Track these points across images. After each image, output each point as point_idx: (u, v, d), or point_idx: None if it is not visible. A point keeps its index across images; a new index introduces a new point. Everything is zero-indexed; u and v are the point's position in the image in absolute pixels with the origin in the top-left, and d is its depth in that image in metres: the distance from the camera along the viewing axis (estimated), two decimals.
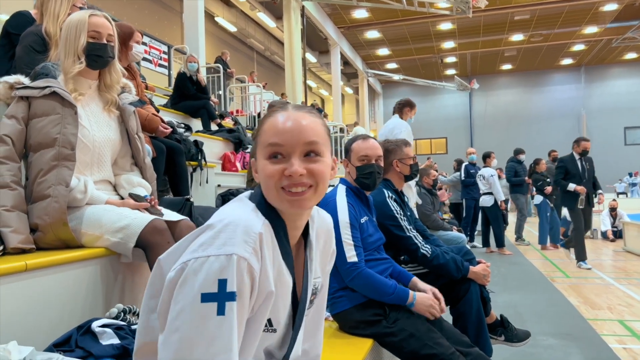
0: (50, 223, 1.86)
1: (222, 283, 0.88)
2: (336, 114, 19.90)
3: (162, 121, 3.15)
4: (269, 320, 1.05)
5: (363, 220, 2.34)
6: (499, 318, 2.88)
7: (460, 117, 29.36)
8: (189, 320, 0.87)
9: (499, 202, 8.28)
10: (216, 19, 17.78)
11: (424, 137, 29.34)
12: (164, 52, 9.95)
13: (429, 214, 5.50)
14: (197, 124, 6.77)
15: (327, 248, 1.27)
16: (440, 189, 8.36)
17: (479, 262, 2.78)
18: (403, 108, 5.19)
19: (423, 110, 29.52)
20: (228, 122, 7.80)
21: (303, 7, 15.83)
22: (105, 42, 2.07)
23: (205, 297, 0.88)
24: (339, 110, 20.08)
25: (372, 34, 21.47)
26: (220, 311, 0.88)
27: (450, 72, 27.68)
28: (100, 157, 2.11)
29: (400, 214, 2.73)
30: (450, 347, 2.09)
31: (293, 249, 1.13)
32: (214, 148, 5.95)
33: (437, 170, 9.60)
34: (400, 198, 2.88)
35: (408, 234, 2.69)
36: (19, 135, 1.96)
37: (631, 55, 26.03)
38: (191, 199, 2.54)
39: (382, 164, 2.44)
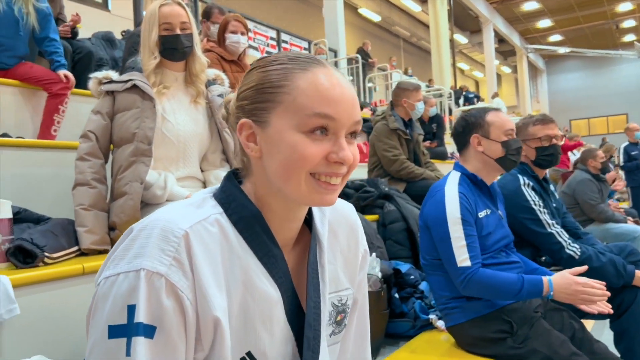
0: (126, 221, 1.80)
1: (131, 310, 0.65)
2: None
3: None
4: (249, 355, 0.75)
5: (482, 214, 1.91)
6: None
7: None
8: None
9: None
10: (359, 10, 17.75)
11: (599, 114, 25.99)
12: (305, 49, 10.09)
13: (594, 204, 4.63)
14: None
15: (353, 249, 0.93)
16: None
17: None
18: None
19: (596, 84, 26.23)
20: (365, 113, 7.57)
21: None
22: (178, 32, 1.96)
23: (113, 331, 0.65)
24: (494, 91, 18.67)
25: (530, 5, 19.74)
26: (128, 351, 0.64)
27: (629, 38, 24.13)
28: (186, 152, 2.01)
29: (540, 205, 2.22)
30: None
31: (292, 252, 0.83)
32: None
33: (612, 155, 8.22)
34: (541, 186, 2.35)
35: (549, 229, 2.18)
36: (104, 131, 1.95)
37: None
38: None
39: None
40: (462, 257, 1.78)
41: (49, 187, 2.30)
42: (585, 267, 1.77)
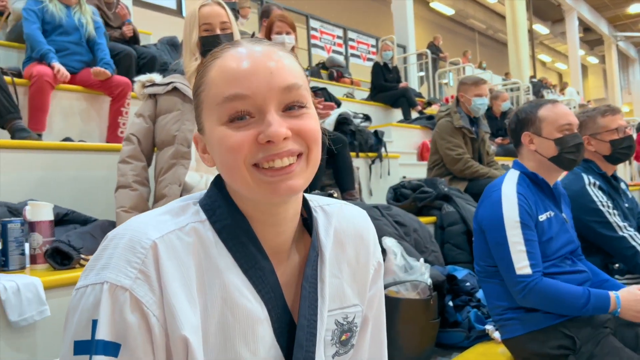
0: None
1: (94, 326, 0.61)
2: (577, 88, 17.38)
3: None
4: None
5: (543, 217, 1.73)
6: None
7: None
8: None
9: None
10: (431, 4, 17.29)
11: None
12: (372, 46, 9.94)
13: None
14: (397, 113, 6.51)
15: (363, 260, 0.83)
16: None
17: None
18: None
19: None
20: (434, 109, 7.32)
21: None
22: (218, 32, 1.93)
23: (78, 347, 0.61)
24: (579, 84, 17.51)
25: None
26: None
27: None
28: None
29: (609, 206, 2.00)
30: None
31: (288, 262, 0.75)
32: (411, 137, 5.61)
33: None
34: (610, 184, 2.12)
35: (621, 233, 1.97)
36: (146, 133, 1.97)
37: None
38: (334, 195, 2.26)
39: None
40: (522, 264, 1.62)
41: (104, 189, 2.38)
42: None
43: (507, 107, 6.07)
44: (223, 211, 0.70)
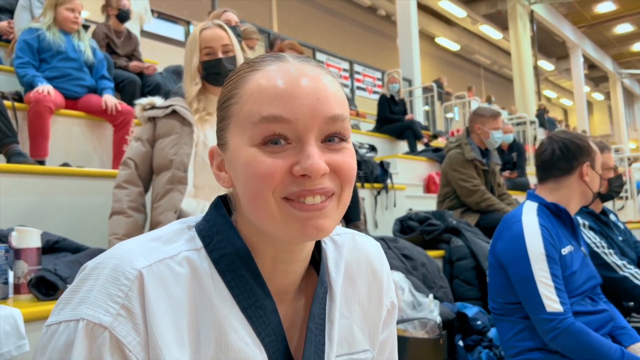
0: None
1: None
2: (582, 124, 17.37)
3: None
4: None
5: (565, 251, 1.63)
6: None
7: None
8: None
9: None
10: (437, 39, 17.51)
11: None
12: (378, 79, 9.98)
13: None
14: (403, 145, 6.46)
15: (376, 300, 0.74)
16: None
17: None
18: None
19: None
20: (440, 142, 7.28)
21: (532, 11, 14.45)
22: (220, 56, 1.88)
23: None
24: (584, 120, 17.50)
25: (624, 28, 18.49)
26: None
27: None
28: None
29: (604, 247, 1.92)
30: None
31: (293, 302, 0.66)
32: (417, 169, 5.53)
33: None
34: (600, 221, 2.02)
35: (622, 273, 1.91)
36: (143, 158, 1.90)
37: None
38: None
39: None
40: (551, 300, 1.51)
41: (100, 216, 2.29)
42: None
43: (510, 140, 6.03)
44: (222, 239, 0.62)
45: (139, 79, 3.78)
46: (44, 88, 2.74)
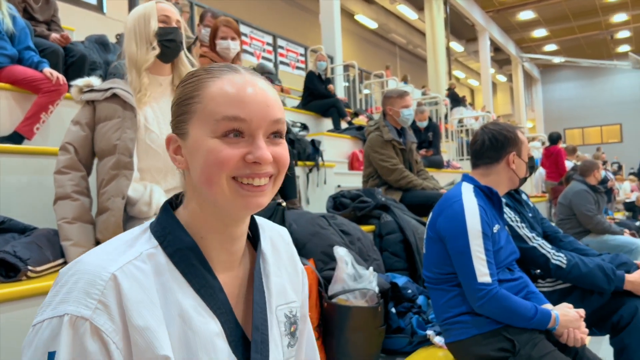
0: (109, 238, 1.71)
1: (51, 357, 0.64)
2: (487, 104, 18.56)
3: None
4: None
5: (496, 229, 1.86)
6: None
7: (638, 99, 25.48)
8: None
9: None
10: (356, 17, 17.74)
11: (593, 124, 26.09)
12: (301, 55, 10.02)
13: (591, 216, 4.59)
14: (327, 123, 6.62)
15: (294, 265, 0.94)
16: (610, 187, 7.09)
17: None
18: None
19: (590, 94, 26.33)
20: (361, 120, 7.53)
21: None
22: (175, 25, 1.89)
23: None
24: (489, 100, 18.69)
25: (526, 15, 19.74)
26: None
27: (623, 48, 24.22)
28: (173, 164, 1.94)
29: (517, 220, 2.18)
30: None
31: (238, 275, 0.83)
32: (342, 147, 5.72)
33: (604, 163, 8.22)
34: (514, 198, 2.30)
35: (531, 243, 2.15)
36: (83, 142, 1.85)
37: None
38: (283, 204, 2.27)
39: None
40: (482, 272, 1.72)
41: (32, 195, 2.22)
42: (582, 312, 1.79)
43: (425, 125, 6.43)
44: (173, 237, 0.76)
45: (61, 49, 3.56)
46: None
